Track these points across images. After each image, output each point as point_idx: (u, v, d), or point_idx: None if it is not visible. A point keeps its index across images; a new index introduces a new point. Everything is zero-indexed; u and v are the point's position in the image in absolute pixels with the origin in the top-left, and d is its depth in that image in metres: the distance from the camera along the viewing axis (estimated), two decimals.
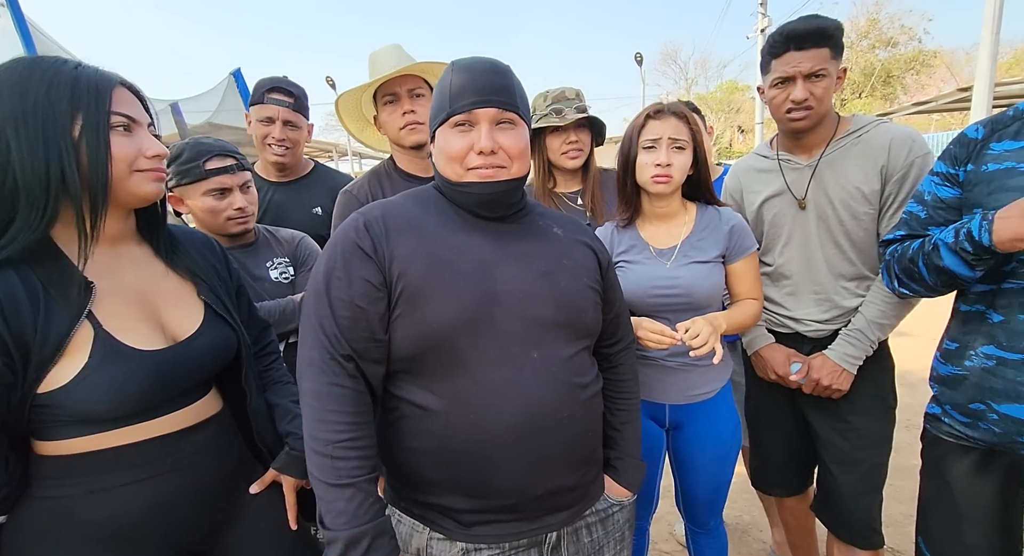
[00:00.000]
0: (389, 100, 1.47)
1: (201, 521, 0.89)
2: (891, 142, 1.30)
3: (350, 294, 0.81)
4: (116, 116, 0.79)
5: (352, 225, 0.86)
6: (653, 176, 1.26)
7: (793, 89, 1.29)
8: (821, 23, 1.26)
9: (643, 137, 1.27)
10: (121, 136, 0.80)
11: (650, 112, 1.28)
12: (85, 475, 0.79)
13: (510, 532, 0.87)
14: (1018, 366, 0.97)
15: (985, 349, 1.02)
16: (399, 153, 1.55)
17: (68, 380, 0.74)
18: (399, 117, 1.46)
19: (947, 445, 1.11)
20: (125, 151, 0.80)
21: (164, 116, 4.51)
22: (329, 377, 0.80)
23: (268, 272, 1.47)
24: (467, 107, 0.85)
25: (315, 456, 0.79)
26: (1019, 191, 0.97)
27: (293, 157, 1.86)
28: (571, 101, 1.64)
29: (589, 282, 0.95)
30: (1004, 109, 1.06)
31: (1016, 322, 0.97)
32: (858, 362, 1.36)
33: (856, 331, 1.35)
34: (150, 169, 0.83)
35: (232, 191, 1.35)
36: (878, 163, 1.30)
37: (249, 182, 1.41)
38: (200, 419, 0.89)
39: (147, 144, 0.83)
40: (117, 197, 0.82)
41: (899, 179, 1.29)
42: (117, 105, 0.80)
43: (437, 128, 0.89)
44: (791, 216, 1.43)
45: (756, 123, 13.04)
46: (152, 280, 0.89)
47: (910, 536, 2.06)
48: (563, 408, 0.86)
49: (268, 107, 1.77)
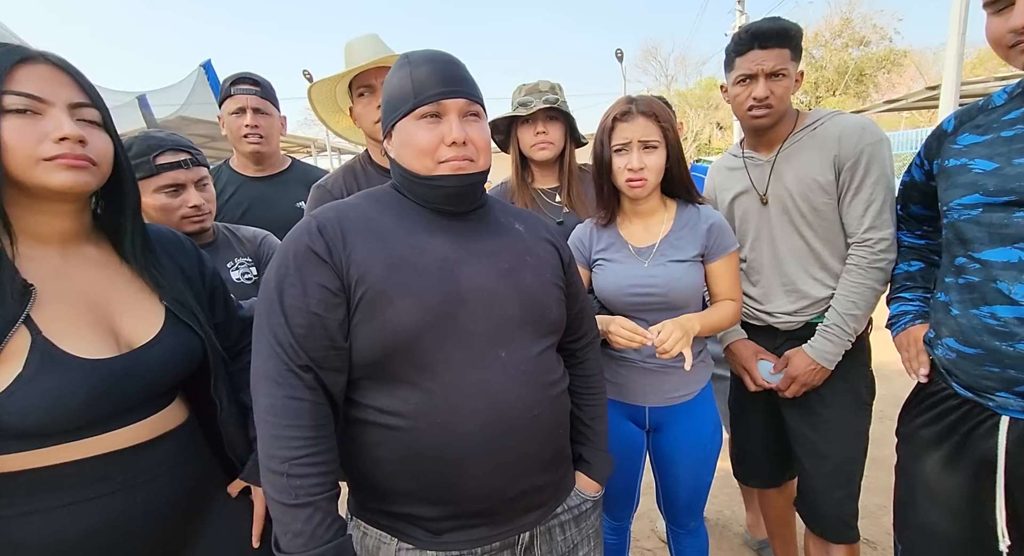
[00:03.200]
0: (364, 92, 1.41)
1: (155, 543, 0.82)
2: (841, 132, 1.33)
3: (305, 301, 0.77)
4: (9, 96, 0.69)
5: (304, 228, 0.81)
6: (627, 180, 1.24)
7: (755, 87, 1.32)
8: (784, 25, 1.31)
9: (613, 141, 1.25)
10: (18, 119, 0.70)
11: (616, 115, 1.25)
12: (21, 494, 0.71)
13: (482, 536, 0.85)
14: (973, 359, 0.98)
15: (948, 341, 1.04)
16: (374, 146, 1.51)
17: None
18: (374, 110, 1.40)
19: (920, 441, 1.12)
20: (21, 136, 0.69)
21: (131, 109, 4.35)
22: (286, 390, 0.76)
23: (229, 273, 1.41)
24: (435, 97, 0.82)
25: (270, 475, 0.75)
26: (965, 188, 1.00)
27: (269, 147, 1.83)
28: (542, 93, 1.62)
29: (553, 279, 0.94)
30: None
31: (969, 316, 0.99)
32: (836, 358, 1.37)
33: (832, 326, 1.36)
34: (58, 155, 0.72)
35: (186, 188, 1.28)
36: (831, 153, 1.34)
37: (206, 179, 1.34)
38: (159, 432, 0.83)
39: (53, 125, 0.71)
40: (32, 192, 0.73)
41: (851, 167, 1.32)
42: (16, 83, 0.69)
43: (397, 122, 0.86)
44: (756, 211, 1.47)
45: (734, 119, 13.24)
46: (107, 283, 0.82)
47: (884, 527, 2.13)
48: (533, 407, 0.85)
49: (236, 98, 1.77)
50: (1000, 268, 0.94)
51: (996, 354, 0.94)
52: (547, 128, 1.61)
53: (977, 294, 0.98)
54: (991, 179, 0.95)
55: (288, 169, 1.93)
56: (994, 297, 0.95)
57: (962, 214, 1.01)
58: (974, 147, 1.01)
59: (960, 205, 1.01)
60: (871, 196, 1.31)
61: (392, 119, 0.87)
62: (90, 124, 0.78)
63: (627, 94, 1.33)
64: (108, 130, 0.81)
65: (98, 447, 0.76)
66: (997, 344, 0.94)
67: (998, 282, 0.94)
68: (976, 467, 1.01)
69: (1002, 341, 0.93)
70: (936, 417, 1.09)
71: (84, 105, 0.77)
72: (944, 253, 1.11)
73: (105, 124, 0.80)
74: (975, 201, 0.98)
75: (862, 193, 1.32)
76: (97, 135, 0.78)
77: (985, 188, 0.96)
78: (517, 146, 1.67)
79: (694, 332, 1.17)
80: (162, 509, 0.82)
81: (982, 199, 0.97)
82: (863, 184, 1.31)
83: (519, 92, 1.66)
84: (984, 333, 0.96)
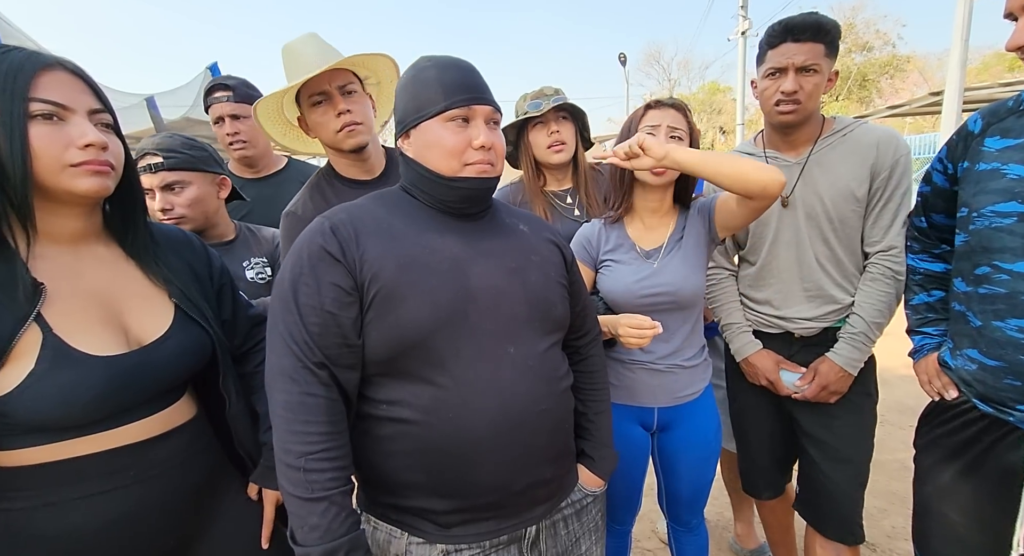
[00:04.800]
0: (319, 100, 1.24)
1: (168, 535, 0.84)
2: (879, 140, 1.32)
3: (320, 300, 0.79)
4: (37, 103, 0.70)
5: (317, 229, 0.83)
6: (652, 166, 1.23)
7: (784, 81, 1.29)
8: (820, 19, 1.27)
9: (643, 125, 1.29)
10: (44, 126, 0.71)
11: (651, 103, 1.32)
12: (39, 487, 0.73)
13: (490, 530, 0.87)
14: (994, 372, 0.98)
15: (969, 352, 1.03)
16: (338, 158, 1.35)
17: (13, 387, 0.69)
18: (334, 119, 1.24)
19: (940, 451, 1.12)
20: (49, 143, 0.71)
21: (140, 110, 4.38)
22: (301, 386, 0.78)
23: (244, 271, 1.43)
24: (467, 102, 0.85)
25: (287, 469, 0.76)
26: (998, 194, 0.96)
27: (256, 149, 1.83)
28: (549, 97, 1.63)
29: (557, 277, 0.97)
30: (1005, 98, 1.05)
31: (991, 328, 0.98)
32: (860, 364, 1.37)
33: (859, 334, 1.35)
34: (83, 162, 0.74)
35: (151, 193, 1.27)
36: (867, 161, 1.32)
37: (182, 182, 1.32)
38: (170, 427, 0.85)
39: (79, 133, 0.73)
40: (55, 196, 0.75)
41: (885, 177, 1.32)
42: (42, 90, 0.71)
43: (421, 122, 0.87)
44: (776, 213, 1.43)
45: (737, 124, 13.24)
46: (117, 281, 0.84)
47: (883, 529, 2.14)
48: (540, 402, 0.87)
49: (213, 108, 1.78)
50: None
51: (1020, 368, 0.93)
52: (560, 127, 1.62)
53: (1003, 306, 0.95)
54: None
55: (284, 169, 1.92)
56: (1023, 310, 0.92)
57: (994, 222, 0.97)
58: (1007, 151, 0.97)
59: (993, 212, 0.97)
60: (899, 207, 1.33)
61: (415, 119, 0.88)
62: (106, 129, 0.81)
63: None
64: (118, 134, 0.84)
65: (111, 441, 0.78)
66: (1022, 358, 0.92)
67: None
68: (1000, 476, 1.00)
69: None
70: (957, 429, 1.08)
71: (100, 111, 0.80)
72: (960, 260, 1.07)
73: (115, 128, 0.83)
74: (1012, 209, 0.94)
75: (891, 204, 1.32)
76: (113, 140, 0.81)
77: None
78: (530, 152, 1.67)
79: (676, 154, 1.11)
80: (176, 501, 0.84)
81: (1020, 207, 0.93)
82: (894, 195, 1.32)
83: (524, 100, 1.67)
84: (1008, 346, 0.94)
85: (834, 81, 1.34)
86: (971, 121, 1.07)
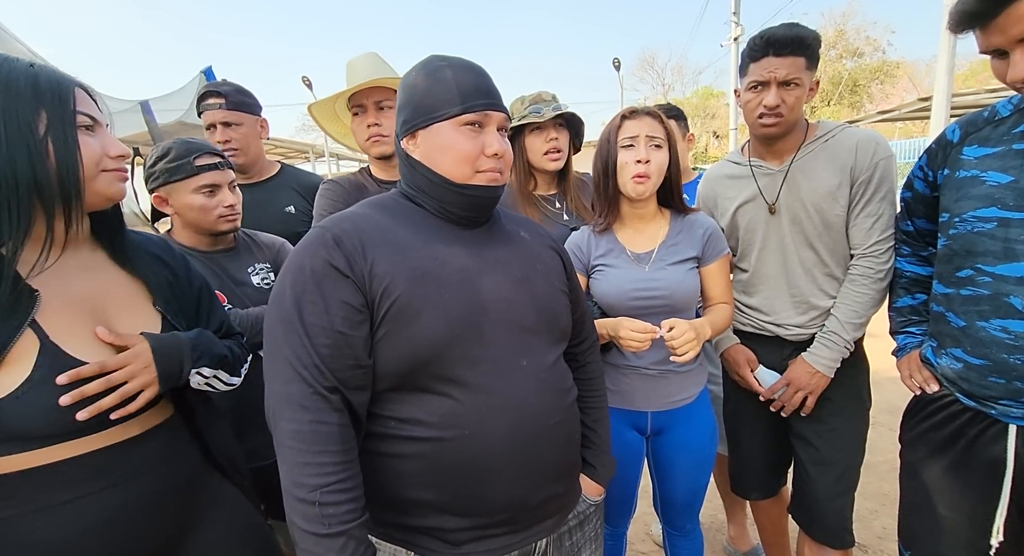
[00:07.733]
0: (357, 111, 1.51)
1: (158, 533, 0.84)
2: (857, 144, 1.34)
3: (329, 320, 0.74)
4: (81, 115, 0.77)
5: (319, 241, 0.77)
6: (633, 175, 1.26)
7: (767, 94, 1.31)
8: (801, 32, 1.28)
9: (621, 136, 1.29)
10: (86, 135, 0.78)
11: (625, 113, 1.31)
12: (26, 494, 0.72)
13: (502, 546, 0.84)
14: (979, 370, 1.01)
15: (954, 351, 1.06)
16: (371, 160, 1.61)
17: (6, 393, 0.69)
18: (364, 129, 1.50)
19: (926, 445, 1.14)
20: (92, 150, 0.79)
21: (133, 115, 4.36)
22: (313, 414, 0.72)
23: (250, 277, 1.44)
24: (483, 107, 0.83)
25: (298, 504, 0.71)
26: (979, 199, 1.00)
27: (247, 157, 1.81)
28: (548, 103, 1.65)
29: (560, 285, 0.96)
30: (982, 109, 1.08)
31: (976, 328, 1.01)
32: (835, 364, 1.38)
33: (831, 333, 1.38)
34: (115, 169, 0.83)
35: (222, 188, 1.35)
36: (846, 165, 1.34)
37: (235, 181, 1.41)
38: (149, 426, 0.85)
39: (109, 143, 0.82)
40: (84, 199, 0.79)
41: (864, 180, 1.33)
42: (80, 104, 0.78)
43: (432, 123, 0.83)
44: (764, 221, 1.45)
45: (730, 128, 13.32)
46: (104, 288, 0.85)
47: (875, 531, 2.16)
48: (553, 414, 0.86)
49: (204, 115, 1.78)
50: (1014, 283, 0.95)
51: (1003, 366, 0.97)
52: (558, 134, 1.64)
53: (987, 307, 0.99)
54: (1009, 192, 0.96)
55: (277, 174, 1.90)
56: (1007, 311, 0.96)
57: (975, 226, 1.00)
58: (986, 159, 1.01)
59: (974, 217, 1.00)
60: (880, 210, 1.34)
61: (427, 120, 0.83)
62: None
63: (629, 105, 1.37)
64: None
65: (95, 443, 0.77)
66: (1005, 357, 0.96)
67: (1011, 297, 0.95)
68: (986, 468, 1.03)
69: (1010, 354, 0.96)
70: (941, 423, 1.10)
71: (108, 124, 0.85)
72: (941, 263, 1.10)
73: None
74: (992, 215, 0.98)
75: (871, 206, 1.34)
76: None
77: (1004, 201, 0.96)
78: (524, 156, 1.68)
79: (705, 336, 1.19)
80: (161, 500, 0.84)
81: (1000, 212, 0.97)
82: (873, 198, 1.33)
83: (521, 103, 1.68)
84: (992, 345, 0.98)
85: (815, 90, 1.36)
86: (949, 131, 1.11)
